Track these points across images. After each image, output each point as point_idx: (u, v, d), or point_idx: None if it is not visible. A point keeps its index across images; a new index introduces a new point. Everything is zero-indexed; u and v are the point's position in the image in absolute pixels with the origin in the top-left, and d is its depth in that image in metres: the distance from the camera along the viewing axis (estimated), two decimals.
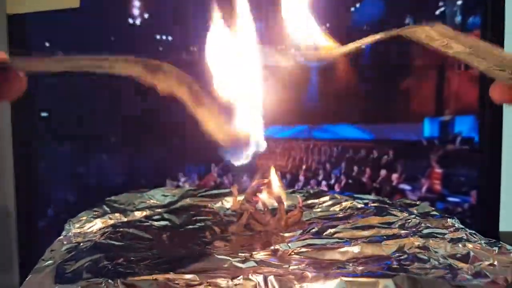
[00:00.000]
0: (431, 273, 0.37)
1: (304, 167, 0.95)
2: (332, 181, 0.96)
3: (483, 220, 0.89)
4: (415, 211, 0.54)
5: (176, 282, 0.36)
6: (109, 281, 0.36)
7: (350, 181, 0.95)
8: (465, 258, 0.40)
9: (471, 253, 0.40)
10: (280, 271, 0.39)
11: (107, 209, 0.57)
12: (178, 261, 0.42)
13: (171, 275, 0.37)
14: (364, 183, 0.94)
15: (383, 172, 0.94)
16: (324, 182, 0.95)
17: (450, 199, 0.92)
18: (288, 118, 0.90)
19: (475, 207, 0.90)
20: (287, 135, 0.95)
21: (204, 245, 0.48)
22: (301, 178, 0.94)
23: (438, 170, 0.92)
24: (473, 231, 0.46)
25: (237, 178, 0.94)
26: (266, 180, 0.54)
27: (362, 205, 0.57)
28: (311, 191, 0.63)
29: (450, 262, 0.39)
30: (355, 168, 0.95)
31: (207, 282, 0.36)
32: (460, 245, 0.42)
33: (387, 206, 0.55)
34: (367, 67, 0.94)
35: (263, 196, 0.53)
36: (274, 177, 0.54)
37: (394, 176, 0.93)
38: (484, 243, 0.42)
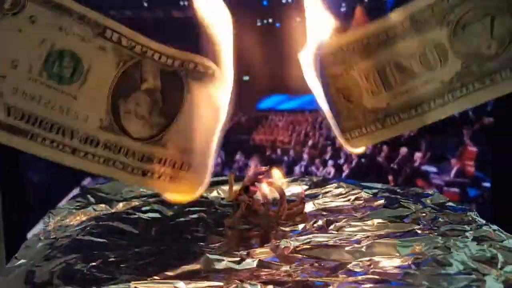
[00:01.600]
0: (456, 281, 0.32)
1: (310, 143, 0.87)
2: (341, 161, 0.87)
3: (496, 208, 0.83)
4: (428, 202, 0.50)
5: None
6: None
7: (362, 160, 0.86)
8: (492, 261, 0.35)
9: (499, 256, 0.36)
10: (280, 275, 0.35)
11: (92, 199, 0.53)
12: (165, 262, 0.37)
13: (152, 284, 0.32)
14: (380, 163, 0.85)
15: (403, 150, 0.83)
16: (330, 162, 0.87)
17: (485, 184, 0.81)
18: (294, 85, 0.81)
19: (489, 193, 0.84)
20: (292, 106, 0.86)
21: (196, 241, 0.43)
22: (305, 156, 0.86)
23: (472, 149, 0.81)
24: (496, 227, 0.41)
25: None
26: (264, 168, 0.49)
27: (371, 195, 0.52)
28: (314, 180, 0.58)
29: (476, 267, 0.34)
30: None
31: None
32: (485, 246, 0.37)
33: (398, 196, 0.51)
34: None
35: (263, 186, 0.48)
36: (274, 169, 0.49)
37: (417, 155, 0.83)
38: None
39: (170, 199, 0.45)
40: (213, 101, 0.44)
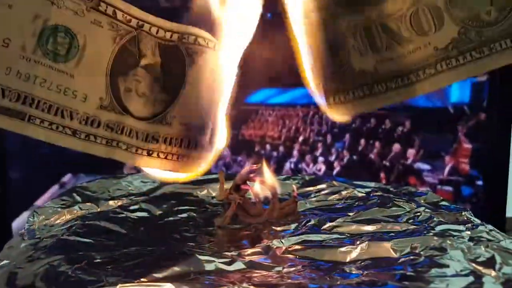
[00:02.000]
0: (454, 283, 0.31)
1: (300, 139, 0.83)
2: (332, 157, 0.83)
3: (489, 206, 0.81)
4: (422, 201, 0.49)
5: None
6: None
7: (354, 157, 0.83)
8: (490, 262, 0.34)
9: (497, 257, 0.35)
10: (272, 276, 0.34)
11: (78, 197, 0.51)
12: (153, 263, 0.36)
13: (139, 285, 0.31)
14: (372, 160, 0.81)
15: (396, 147, 0.79)
16: (321, 158, 0.82)
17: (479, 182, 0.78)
18: (285, 78, 0.75)
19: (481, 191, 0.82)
20: (283, 101, 0.83)
21: (186, 241, 0.42)
22: (295, 153, 0.83)
23: (467, 146, 0.77)
24: (492, 227, 0.41)
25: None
26: (256, 166, 0.47)
27: (364, 194, 0.51)
28: (307, 178, 0.57)
29: (473, 268, 0.33)
30: (362, 141, 0.82)
31: None
32: (482, 247, 0.36)
33: (391, 195, 0.50)
34: None
35: (255, 185, 0.47)
36: (265, 167, 0.48)
37: (410, 152, 0.79)
38: (510, 242, 0.37)
39: (176, 176, 0.44)
40: (216, 75, 0.42)
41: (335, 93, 0.45)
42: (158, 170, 0.43)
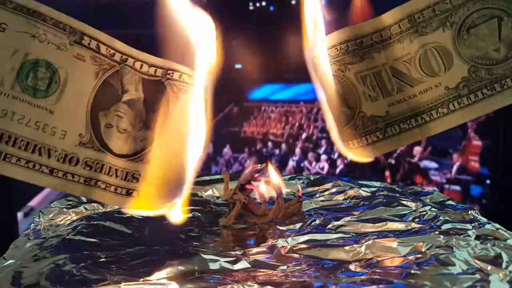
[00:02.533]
0: (460, 281, 0.31)
1: (303, 136, 0.82)
2: (335, 155, 0.82)
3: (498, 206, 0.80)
4: (428, 200, 0.49)
5: None
6: None
7: None
8: (496, 261, 0.34)
9: (504, 255, 0.34)
10: (277, 275, 0.34)
11: (83, 198, 0.51)
12: (157, 262, 0.36)
13: (144, 286, 0.31)
14: (377, 158, 0.81)
15: None
16: (324, 156, 0.82)
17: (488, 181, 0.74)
18: (290, 73, 0.75)
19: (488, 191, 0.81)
20: (287, 97, 0.82)
21: (190, 240, 0.42)
22: (297, 151, 0.81)
23: (477, 143, 0.75)
24: (499, 225, 0.40)
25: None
26: (260, 166, 0.47)
27: (369, 194, 0.51)
28: (312, 178, 0.57)
29: (479, 266, 0.33)
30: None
31: None
32: (489, 245, 0.36)
33: (397, 195, 0.50)
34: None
35: (260, 185, 0.46)
36: (271, 167, 0.48)
37: (417, 150, 0.78)
38: None
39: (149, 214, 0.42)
40: (196, 112, 0.41)
41: (350, 139, 0.46)
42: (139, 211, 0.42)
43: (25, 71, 0.36)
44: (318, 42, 0.44)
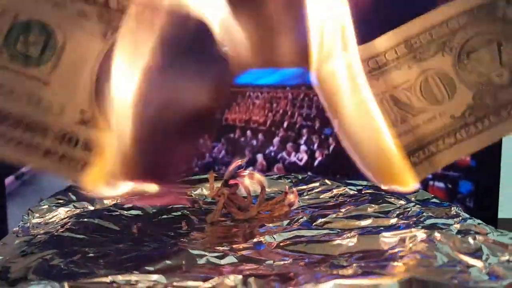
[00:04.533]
0: (441, 272, 0.32)
1: (285, 124, 0.74)
2: (315, 146, 0.74)
3: (482, 207, 0.81)
4: (413, 199, 0.49)
5: (138, 285, 0.31)
6: (56, 284, 0.30)
7: (340, 147, 0.76)
8: (477, 253, 0.35)
9: (484, 248, 0.35)
10: (263, 269, 0.34)
11: (73, 196, 0.51)
12: (145, 257, 0.36)
13: (131, 276, 0.31)
14: None
15: None
16: (304, 147, 0.74)
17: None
18: (275, 57, 0.70)
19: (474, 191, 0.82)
20: (271, 82, 0.72)
21: (179, 237, 0.42)
22: (275, 141, 0.74)
23: None
24: (481, 221, 0.41)
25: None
26: (241, 161, 0.48)
27: (355, 192, 0.52)
28: (300, 177, 0.58)
29: (460, 259, 0.34)
30: None
31: (173, 286, 0.30)
32: (470, 239, 0.37)
33: (383, 193, 0.51)
34: None
35: (245, 179, 0.47)
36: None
37: None
38: (497, 235, 0.37)
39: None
40: None
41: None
42: None
43: (14, 35, 0.30)
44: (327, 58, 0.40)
